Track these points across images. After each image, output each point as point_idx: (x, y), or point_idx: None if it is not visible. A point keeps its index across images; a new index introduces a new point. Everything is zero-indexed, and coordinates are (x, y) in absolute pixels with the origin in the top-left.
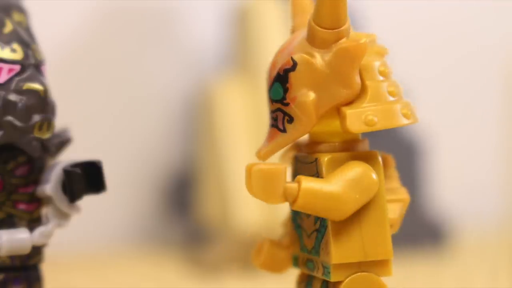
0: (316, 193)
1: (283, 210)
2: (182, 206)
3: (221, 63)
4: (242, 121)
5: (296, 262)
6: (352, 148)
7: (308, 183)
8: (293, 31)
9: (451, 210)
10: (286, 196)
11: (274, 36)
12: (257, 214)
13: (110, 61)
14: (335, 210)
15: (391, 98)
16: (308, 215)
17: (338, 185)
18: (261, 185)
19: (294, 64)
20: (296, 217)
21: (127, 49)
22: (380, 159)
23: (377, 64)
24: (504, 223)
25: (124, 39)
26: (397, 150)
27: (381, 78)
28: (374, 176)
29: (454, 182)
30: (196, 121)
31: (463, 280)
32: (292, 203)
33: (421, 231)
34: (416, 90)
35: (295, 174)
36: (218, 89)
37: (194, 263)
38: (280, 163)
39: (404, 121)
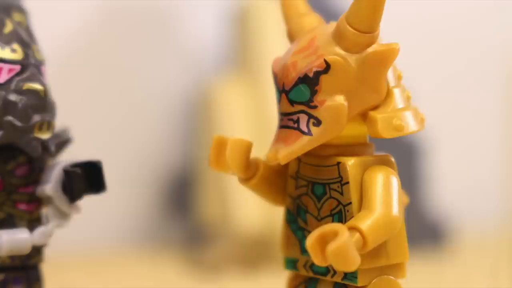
0: (377, 228)
1: (283, 210)
2: (182, 206)
3: (221, 63)
4: (242, 121)
5: (293, 265)
6: (365, 152)
7: (365, 225)
8: (290, 34)
9: (451, 210)
10: (357, 250)
11: (274, 36)
12: (257, 214)
13: (110, 61)
14: (393, 230)
15: (408, 103)
16: (319, 219)
17: (387, 208)
18: (340, 262)
19: (328, 67)
20: (296, 219)
21: (127, 49)
22: (394, 161)
23: (396, 68)
24: (504, 223)
25: (124, 39)
26: (397, 150)
27: (398, 82)
28: (397, 179)
29: (454, 182)
30: (196, 121)
31: (463, 280)
32: (362, 248)
33: (421, 231)
34: (417, 91)
35: (297, 176)
36: (218, 89)
37: (194, 263)
38: (338, 225)
39: (424, 126)
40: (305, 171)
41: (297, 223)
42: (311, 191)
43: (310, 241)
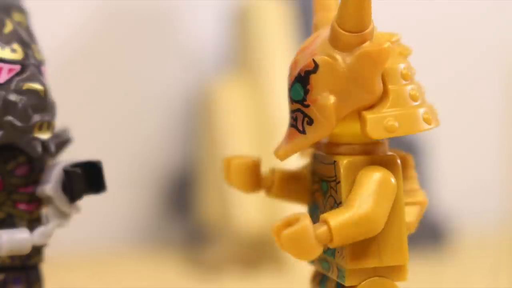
0: (348, 225)
1: (283, 210)
2: (182, 206)
3: (221, 63)
4: (242, 121)
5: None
6: (372, 151)
7: (335, 220)
8: (315, 27)
9: (451, 210)
10: (321, 242)
11: (274, 36)
12: (257, 214)
13: (110, 61)
14: (370, 230)
15: (413, 103)
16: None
17: (365, 207)
18: (294, 248)
19: (316, 66)
20: (312, 214)
21: (127, 49)
22: (399, 162)
23: (400, 67)
24: (504, 223)
25: (124, 39)
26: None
27: (403, 81)
28: (393, 180)
29: (454, 182)
30: (196, 121)
31: (463, 280)
32: (329, 244)
33: (421, 231)
34: None
35: (313, 172)
36: (218, 89)
37: (194, 263)
38: (302, 213)
39: (426, 126)
40: (317, 168)
41: (313, 218)
42: (320, 187)
43: (275, 225)
